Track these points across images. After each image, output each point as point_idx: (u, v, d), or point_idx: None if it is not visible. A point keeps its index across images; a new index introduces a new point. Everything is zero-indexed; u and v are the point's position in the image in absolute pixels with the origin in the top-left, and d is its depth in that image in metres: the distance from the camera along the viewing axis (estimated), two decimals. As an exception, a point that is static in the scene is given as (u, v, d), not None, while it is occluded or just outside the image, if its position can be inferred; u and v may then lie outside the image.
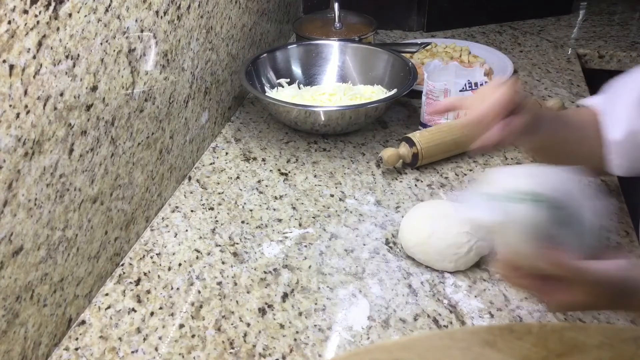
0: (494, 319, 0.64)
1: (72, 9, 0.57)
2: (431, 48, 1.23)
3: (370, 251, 0.74)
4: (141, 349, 0.61)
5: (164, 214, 0.81)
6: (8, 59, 0.49)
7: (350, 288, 0.68)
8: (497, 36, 1.41)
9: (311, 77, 1.11)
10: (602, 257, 0.49)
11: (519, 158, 0.92)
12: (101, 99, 0.64)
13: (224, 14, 0.96)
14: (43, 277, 0.58)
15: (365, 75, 1.09)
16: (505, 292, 0.67)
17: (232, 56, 1.03)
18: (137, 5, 0.69)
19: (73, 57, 0.58)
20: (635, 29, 1.42)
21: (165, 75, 0.78)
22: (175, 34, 0.80)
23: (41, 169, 0.56)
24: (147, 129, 0.75)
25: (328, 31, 1.19)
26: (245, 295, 0.68)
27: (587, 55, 1.31)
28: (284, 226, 0.78)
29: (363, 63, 1.10)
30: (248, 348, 0.61)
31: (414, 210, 0.75)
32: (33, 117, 0.53)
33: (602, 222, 0.51)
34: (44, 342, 0.60)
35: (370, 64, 1.09)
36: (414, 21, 1.43)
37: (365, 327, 0.63)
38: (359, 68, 1.10)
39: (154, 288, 0.69)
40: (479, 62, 1.16)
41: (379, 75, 1.07)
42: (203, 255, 0.74)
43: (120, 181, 0.70)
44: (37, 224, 0.56)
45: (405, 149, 0.88)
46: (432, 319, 0.64)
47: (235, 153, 0.95)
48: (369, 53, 1.10)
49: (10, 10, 0.49)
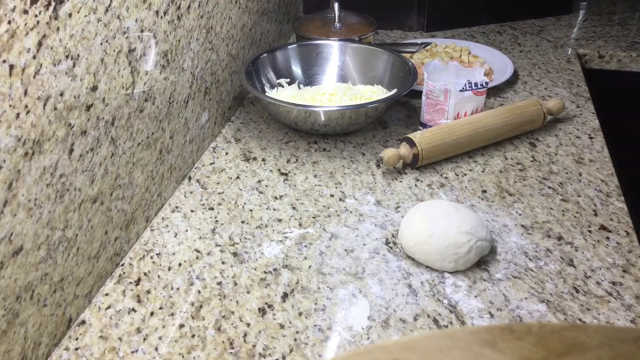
0: (494, 319, 0.64)
1: (72, 9, 0.57)
2: (431, 48, 1.24)
3: (370, 251, 0.74)
4: (141, 349, 0.61)
5: (164, 214, 0.81)
6: (8, 59, 0.49)
7: (350, 288, 0.68)
8: (497, 36, 1.41)
9: (311, 77, 1.11)
10: None
11: (519, 158, 0.92)
12: (101, 99, 0.64)
13: (224, 14, 0.96)
14: (43, 277, 0.58)
15: (365, 75, 1.09)
16: (505, 292, 0.67)
17: (232, 56, 1.03)
18: (137, 5, 0.69)
19: (73, 57, 0.58)
20: (635, 29, 1.42)
21: (165, 75, 0.78)
22: (175, 34, 0.80)
23: (41, 169, 0.56)
24: (147, 129, 0.75)
25: (328, 31, 1.19)
26: (245, 295, 0.68)
27: (587, 55, 1.31)
28: (284, 226, 0.78)
29: (363, 63, 1.10)
30: (248, 348, 0.61)
31: (414, 210, 0.75)
32: (33, 117, 0.53)
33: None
34: (44, 342, 0.60)
35: (370, 64, 1.09)
36: (414, 21, 1.43)
37: (365, 327, 0.63)
38: (359, 68, 1.10)
39: (154, 288, 0.69)
40: (479, 62, 1.16)
41: (379, 75, 1.07)
42: (203, 255, 0.74)
43: (120, 181, 0.70)
44: (37, 224, 0.56)
45: (405, 149, 0.88)
46: (432, 319, 0.64)
47: (235, 153, 0.95)
48: (369, 53, 1.10)
49: (10, 10, 0.49)
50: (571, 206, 0.81)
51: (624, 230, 0.76)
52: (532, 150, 0.94)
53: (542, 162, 0.91)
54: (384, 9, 1.41)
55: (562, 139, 0.97)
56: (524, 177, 0.87)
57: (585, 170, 0.88)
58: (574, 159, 0.91)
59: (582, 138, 0.97)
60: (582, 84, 1.15)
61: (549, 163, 0.90)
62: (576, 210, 0.80)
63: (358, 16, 1.24)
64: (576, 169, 0.89)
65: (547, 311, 0.64)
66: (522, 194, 0.84)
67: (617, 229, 0.76)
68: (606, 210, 0.80)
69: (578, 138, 0.97)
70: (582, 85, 1.15)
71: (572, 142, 0.96)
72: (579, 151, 0.93)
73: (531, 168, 0.89)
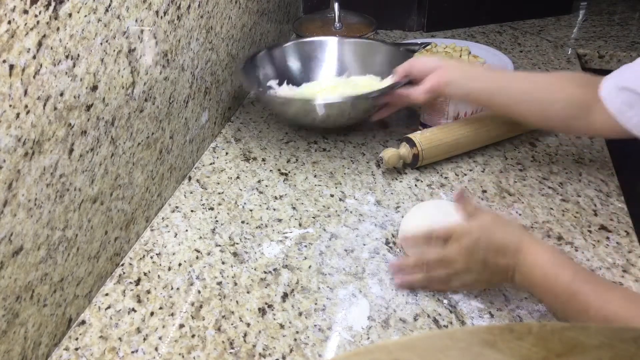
0: (494, 319, 0.64)
1: (72, 9, 0.57)
2: (431, 48, 1.23)
3: (370, 251, 0.74)
4: (141, 349, 0.61)
5: (164, 214, 0.81)
6: (8, 59, 0.49)
7: (350, 288, 0.68)
8: (497, 36, 1.41)
9: (310, 73, 1.11)
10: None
11: (519, 158, 0.92)
12: (101, 99, 0.64)
13: (224, 14, 0.96)
14: (43, 277, 0.58)
15: (364, 70, 1.08)
16: (505, 292, 0.67)
17: (232, 56, 1.03)
18: (137, 5, 0.69)
19: (73, 57, 0.58)
20: (635, 29, 1.42)
21: (165, 75, 0.78)
22: (175, 34, 0.80)
23: (41, 169, 0.56)
24: (147, 129, 0.75)
25: (328, 31, 1.19)
26: (245, 295, 0.68)
27: (587, 55, 1.31)
28: (284, 226, 0.78)
29: (362, 57, 1.09)
30: (248, 348, 0.61)
31: (414, 210, 0.75)
32: (33, 117, 0.53)
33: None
34: (44, 342, 0.60)
35: (370, 58, 1.08)
36: (414, 21, 1.43)
37: (365, 327, 0.63)
38: (358, 62, 1.09)
39: (154, 288, 0.69)
40: (479, 62, 1.16)
41: (378, 69, 1.06)
42: (203, 255, 0.74)
43: (120, 181, 0.70)
44: (37, 224, 0.56)
45: (405, 149, 0.88)
46: (432, 319, 0.64)
47: (235, 153, 0.95)
48: (368, 47, 1.09)
49: (10, 10, 0.49)
50: (571, 206, 0.81)
51: (624, 230, 0.76)
52: (532, 150, 0.94)
53: (542, 162, 0.91)
54: (384, 9, 1.41)
55: (562, 139, 0.97)
56: (524, 177, 0.87)
57: (585, 170, 0.88)
58: (574, 159, 0.91)
59: (582, 138, 0.97)
60: (582, 84, 1.15)
61: (549, 163, 0.90)
62: (576, 210, 0.80)
63: (358, 16, 1.24)
64: (576, 169, 0.89)
65: (547, 311, 0.64)
66: (522, 194, 0.84)
67: (617, 229, 0.76)
68: (606, 210, 0.80)
69: (578, 138, 0.97)
70: (582, 85, 1.15)
71: (572, 142, 0.96)
72: (579, 151, 0.93)
73: (531, 168, 0.89)
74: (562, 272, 0.56)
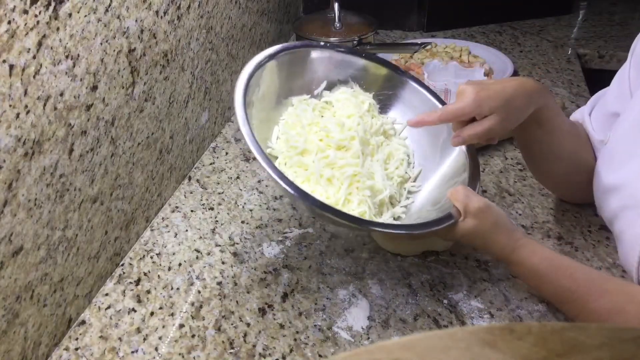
0: (494, 319, 0.64)
1: (72, 9, 0.57)
2: (431, 48, 1.23)
3: (370, 251, 0.74)
4: (141, 349, 0.61)
5: (164, 214, 0.81)
6: (8, 59, 0.49)
7: (350, 288, 0.68)
8: (497, 36, 1.41)
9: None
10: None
11: (519, 158, 0.92)
12: (101, 99, 0.64)
13: (224, 14, 0.96)
14: (43, 277, 0.58)
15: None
16: (506, 292, 0.67)
17: (232, 56, 1.03)
18: (137, 5, 0.69)
19: (73, 57, 0.58)
20: (635, 29, 1.41)
21: (165, 75, 0.78)
22: (175, 34, 0.80)
23: (41, 169, 0.56)
24: (147, 129, 0.75)
25: (328, 31, 1.19)
26: (245, 295, 0.68)
27: (587, 55, 1.31)
28: (284, 226, 0.78)
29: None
30: (248, 348, 0.61)
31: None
32: (33, 117, 0.53)
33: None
34: (44, 342, 0.60)
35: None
36: (414, 21, 1.43)
37: (365, 327, 0.63)
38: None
39: (154, 288, 0.69)
40: (479, 62, 1.16)
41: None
42: (203, 255, 0.74)
43: (120, 181, 0.70)
44: (37, 224, 0.56)
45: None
46: (432, 319, 0.64)
47: (235, 153, 0.95)
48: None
49: (10, 10, 0.49)
50: (571, 206, 0.81)
51: (624, 230, 0.76)
52: (532, 150, 0.94)
53: (542, 162, 0.91)
54: (384, 9, 1.41)
55: (562, 139, 0.96)
56: (524, 177, 0.87)
57: (585, 170, 0.88)
58: (574, 159, 0.91)
59: (582, 138, 0.96)
60: (582, 84, 1.15)
61: (549, 163, 0.90)
62: (576, 210, 0.80)
63: (358, 16, 1.24)
64: (576, 169, 0.89)
65: (547, 311, 0.64)
66: (522, 194, 0.84)
67: (617, 229, 0.76)
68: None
69: (578, 138, 0.97)
70: (582, 85, 1.15)
71: (572, 142, 0.96)
72: (579, 151, 0.93)
73: (531, 168, 0.89)
74: (561, 260, 0.62)
